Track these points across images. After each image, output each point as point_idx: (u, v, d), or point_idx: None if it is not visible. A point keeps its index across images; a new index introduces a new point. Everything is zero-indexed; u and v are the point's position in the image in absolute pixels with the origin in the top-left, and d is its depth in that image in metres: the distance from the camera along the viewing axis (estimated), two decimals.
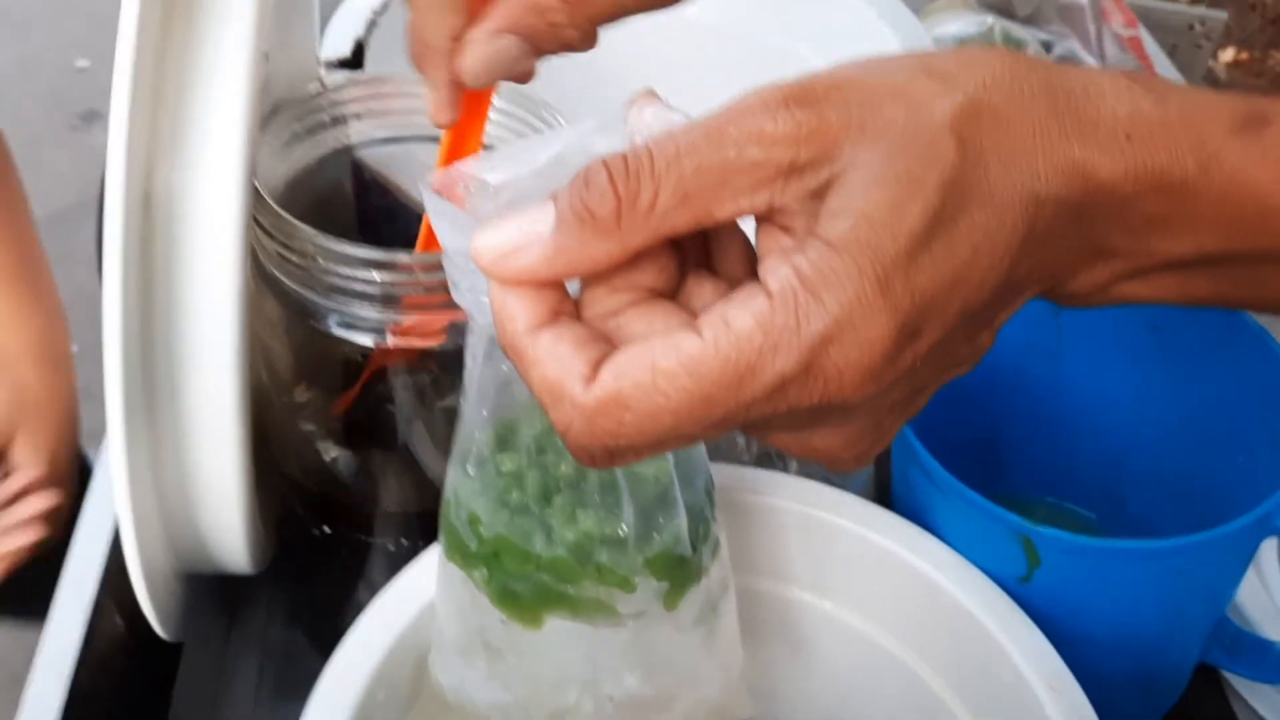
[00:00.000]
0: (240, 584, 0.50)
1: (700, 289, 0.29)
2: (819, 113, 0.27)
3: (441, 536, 0.38)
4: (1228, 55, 2.24)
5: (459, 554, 0.37)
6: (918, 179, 0.26)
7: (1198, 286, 0.31)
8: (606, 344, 0.28)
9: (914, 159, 0.26)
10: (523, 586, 0.36)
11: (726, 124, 0.27)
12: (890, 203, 0.26)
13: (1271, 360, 0.48)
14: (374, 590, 0.48)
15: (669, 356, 0.26)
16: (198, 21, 0.37)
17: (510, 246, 0.28)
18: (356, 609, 0.48)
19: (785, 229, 0.28)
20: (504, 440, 0.36)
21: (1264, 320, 0.49)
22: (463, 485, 0.36)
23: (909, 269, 0.26)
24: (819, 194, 0.27)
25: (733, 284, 0.29)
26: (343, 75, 0.56)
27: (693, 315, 0.28)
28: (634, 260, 0.28)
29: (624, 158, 0.27)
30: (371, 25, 0.61)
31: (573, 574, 0.36)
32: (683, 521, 0.37)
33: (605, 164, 0.27)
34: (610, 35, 0.72)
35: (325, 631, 0.50)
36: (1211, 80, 2.12)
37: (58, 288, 0.78)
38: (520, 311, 0.28)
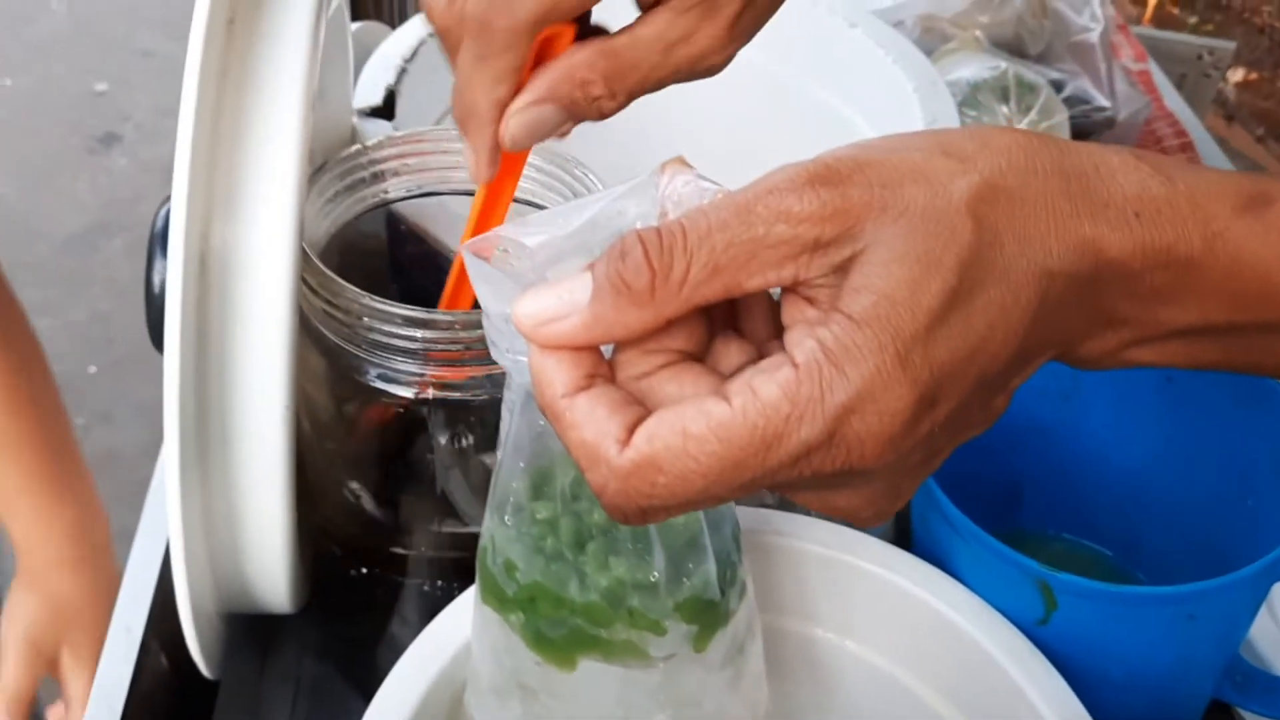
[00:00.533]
0: (277, 622, 0.51)
1: (727, 350, 0.31)
2: (843, 193, 0.28)
3: (478, 581, 0.39)
4: (1238, 76, 2.24)
5: (495, 598, 0.38)
6: (936, 259, 0.28)
7: (1204, 353, 0.32)
8: (640, 407, 0.29)
9: (933, 239, 0.28)
10: (557, 630, 0.37)
11: (755, 202, 0.28)
12: (910, 281, 0.28)
13: None
14: (408, 629, 0.49)
15: (699, 422, 0.28)
16: (249, 95, 0.39)
17: (550, 314, 0.29)
18: (390, 647, 0.49)
19: (810, 300, 0.29)
20: (539, 488, 0.37)
21: None
22: (499, 533, 0.37)
23: (927, 343, 0.28)
24: (843, 269, 0.28)
25: (758, 345, 0.31)
26: (380, 131, 0.57)
27: (720, 376, 0.30)
28: (666, 326, 0.29)
29: (658, 232, 0.28)
30: (402, 73, 0.63)
31: (606, 618, 0.37)
32: (712, 567, 0.38)
33: (641, 238, 0.28)
34: None
35: (359, 668, 0.51)
36: (1221, 102, 2.12)
37: (79, 306, 0.73)
38: (558, 375, 0.29)
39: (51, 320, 1.61)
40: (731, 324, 0.31)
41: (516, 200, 0.50)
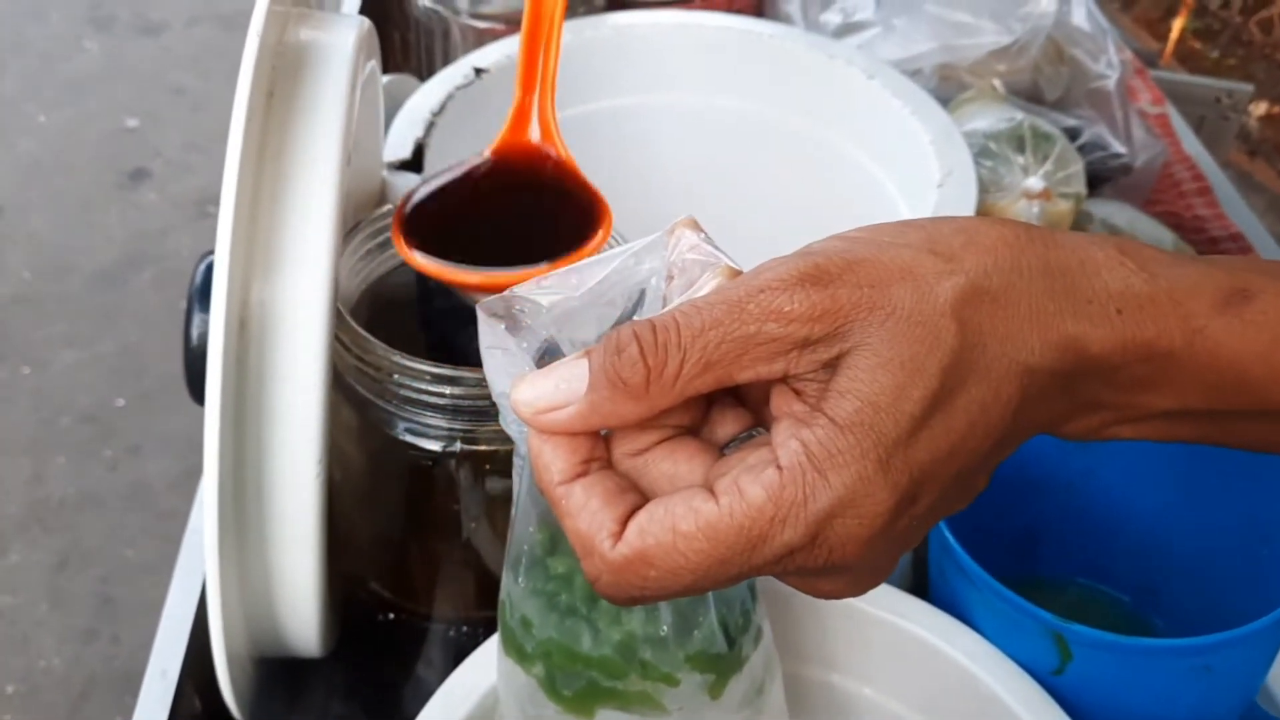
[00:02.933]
0: (307, 665, 0.52)
1: (724, 419, 0.32)
2: (832, 293, 0.29)
3: (500, 634, 0.40)
4: (1260, 110, 2.25)
5: (515, 652, 0.39)
6: (920, 364, 0.29)
7: (1184, 431, 0.33)
8: (634, 494, 0.30)
9: (918, 343, 0.29)
10: (574, 683, 0.38)
11: (747, 300, 0.29)
12: (894, 388, 0.29)
13: None
14: (434, 673, 0.50)
15: (688, 520, 0.29)
16: (288, 163, 0.41)
17: (547, 402, 0.30)
18: (417, 691, 0.50)
19: (799, 392, 0.30)
20: (556, 542, 0.38)
21: None
22: (515, 591, 0.38)
23: (908, 447, 0.29)
24: (830, 365, 0.29)
25: (754, 409, 0.32)
26: (409, 184, 0.58)
27: (715, 450, 0.31)
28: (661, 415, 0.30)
29: (653, 328, 0.29)
30: (430, 126, 0.64)
31: (619, 671, 0.38)
32: (717, 620, 0.38)
33: (636, 334, 0.29)
34: (657, 130, 0.75)
35: (386, 712, 0.52)
36: (1244, 137, 2.13)
37: (108, 339, 0.69)
38: (556, 462, 0.30)
39: (80, 353, 1.63)
40: (730, 389, 0.32)
41: None
